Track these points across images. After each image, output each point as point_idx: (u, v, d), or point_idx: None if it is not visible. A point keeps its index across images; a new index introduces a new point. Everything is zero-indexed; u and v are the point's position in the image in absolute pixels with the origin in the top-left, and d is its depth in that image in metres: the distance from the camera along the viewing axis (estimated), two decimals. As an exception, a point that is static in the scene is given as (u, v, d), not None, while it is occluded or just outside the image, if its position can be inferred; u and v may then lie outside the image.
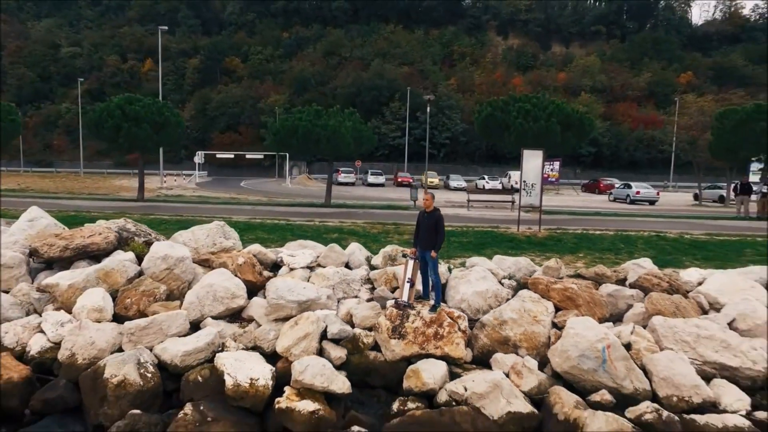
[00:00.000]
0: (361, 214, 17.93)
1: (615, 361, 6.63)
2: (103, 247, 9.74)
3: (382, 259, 9.75)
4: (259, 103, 68.74)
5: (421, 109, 65.99)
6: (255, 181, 45.41)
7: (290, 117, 18.55)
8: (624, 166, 65.56)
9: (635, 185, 31.03)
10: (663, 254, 12.21)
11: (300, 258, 9.52)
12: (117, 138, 18.38)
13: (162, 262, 8.99)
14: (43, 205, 18.71)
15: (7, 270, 9.06)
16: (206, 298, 8.19)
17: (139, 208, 18.49)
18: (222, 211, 18.28)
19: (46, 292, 8.70)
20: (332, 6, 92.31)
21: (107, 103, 19.47)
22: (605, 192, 39.45)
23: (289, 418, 5.95)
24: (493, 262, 9.74)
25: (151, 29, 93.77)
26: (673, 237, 14.16)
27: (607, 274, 9.34)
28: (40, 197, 22.33)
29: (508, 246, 12.58)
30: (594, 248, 12.69)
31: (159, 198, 22.63)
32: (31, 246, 9.71)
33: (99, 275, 8.73)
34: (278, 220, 15.31)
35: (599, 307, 8.15)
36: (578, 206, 26.32)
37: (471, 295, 8.20)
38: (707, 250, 12.75)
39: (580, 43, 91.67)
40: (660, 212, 22.97)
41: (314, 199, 25.73)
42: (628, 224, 17.03)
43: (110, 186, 33.27)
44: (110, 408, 6.23)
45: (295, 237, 12.54)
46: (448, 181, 46.01)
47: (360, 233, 13.68)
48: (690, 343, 7.11)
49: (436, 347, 7.06)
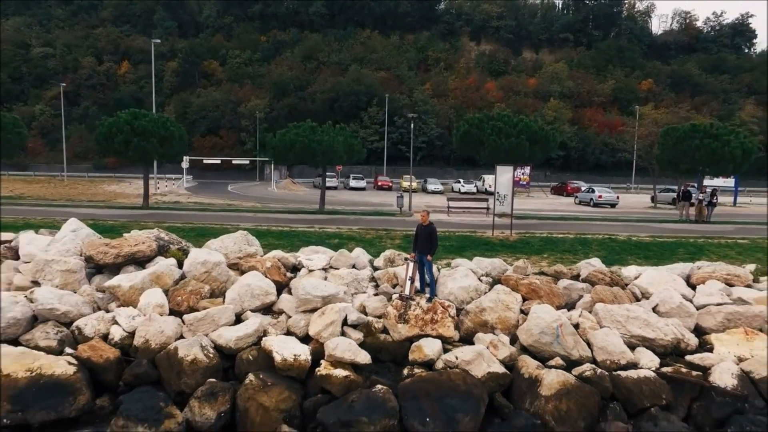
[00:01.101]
0: (353, 220, 19.99)
1: (566, 336, 8.91)
2: (147, 254, 11.56)
3: (383, 261, 11.88)
4: (240, 107, 69.71)
5: (398, 114, 68.33)
6: (241, 186, 46.76)
7: (288, 132, 20.46)
8: (591, 169, 69.32)
9: (598, 190, 33.97)
10: (612, 254, 14.69)
11: (316, 261, 11.56)
12: (127, 151, 19.93)
13: (201, 266, 10.87)
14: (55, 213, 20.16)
15: (72, 274, 10.80)
16: (245, 295, 10.13)
17: (149, 216, 20.04)
18: (225, 218, 20.03)
19: (109, 292, 10.50)
20: (309, 11, 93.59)
21: (116, 117, 20.91)
22: (572, 194, 42.41)
23: (328, 382, 8.00)
24: (473, 263, 11.97)
25: (126, 30, 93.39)
26: (622, 239, 16.71)
27: (564, 272, 11.71)
28: (46, 205, 23.53)
29: (485, 248, 14.85)
30: (556, 250, 15.07)
31: (161, 205, 24.11)
32: (85, 253, 11.45)
33: (152, 278, 10.57)
34: (282, 227, 17.22)
35: (557, 297, 10.45)
36: (546, 209, 28.94)
37: (457, 289, 10.38)
38: (648, 250, 15.31)
39: (549, 50, 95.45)
40: (617, 215, 25.75)
41: (303, 205, 27.61)
42: (587, 228, 19.57)
43: (105, 192, 34.29)
44: (188, 379, 8.14)
45: (302, 243, 14.53)
46: (426, 185, 48.32)
47: (357, 238, 15.74)
48: (622, 323, 9.45)
49: (432, 329, 9.20)
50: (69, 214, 19.80)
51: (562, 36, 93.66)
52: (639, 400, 7.88)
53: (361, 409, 7.41)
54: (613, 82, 78.98)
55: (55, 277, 10.65)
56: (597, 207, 32.07)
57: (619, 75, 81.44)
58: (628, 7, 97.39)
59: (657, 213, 28.77)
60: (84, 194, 31.56)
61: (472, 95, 76.62)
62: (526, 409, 7.73)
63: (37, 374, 7.80)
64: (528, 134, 20.38)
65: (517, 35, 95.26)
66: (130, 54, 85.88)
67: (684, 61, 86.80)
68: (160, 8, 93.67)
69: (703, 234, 18.15)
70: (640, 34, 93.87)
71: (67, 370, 8.00)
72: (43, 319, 9.57)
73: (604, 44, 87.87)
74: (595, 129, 72.00)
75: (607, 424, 7.50)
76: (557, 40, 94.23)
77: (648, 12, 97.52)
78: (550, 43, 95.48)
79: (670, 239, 16.89)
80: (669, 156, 22.14)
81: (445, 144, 67.30)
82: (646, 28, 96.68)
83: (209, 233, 16.01)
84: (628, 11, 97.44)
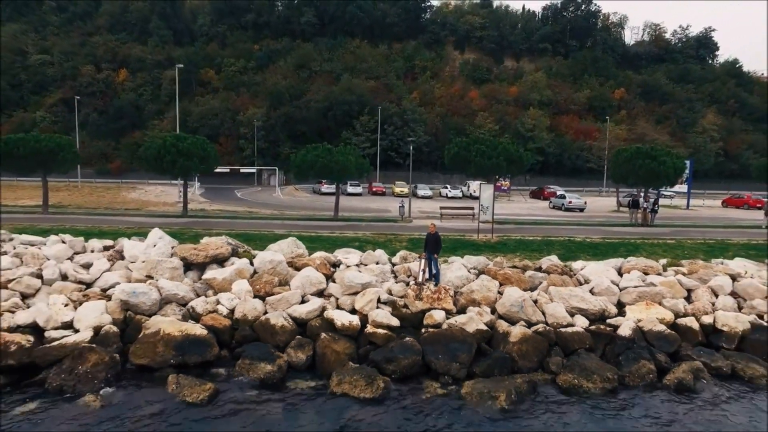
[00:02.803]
0: (364, 226, 24.28)
1: (528, 308, 13.36)
2: (225, 255, 15.73)
3: (399, 259, 16.24)
4: (238, 116, 73.29)
5: (387, 122, 72.67)
6: (248, 191, 50.58)
7: (308, 153, 24.67)
8: (567, 173, 74.50)
9: (568, 196, 38.79)
10: (569, 252, 19.23)
11: (351, 259, 15.88)
12: (173, 169, 23.90)
13: (269, 263, 15.09)
14: (112, 222, 23.96)
15: (175, 270, 14.90)
16: (306, 284, 14.36)
17: (192, 223, 24.00)
18: (259, 225, 24.10)
19: (206, 283, 14.64)
20: (300, 20, 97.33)
21: (162, 140, 24.84)
22: (548, 198, 47.23)
23: (374, 337, 12.27)
24: (464, 260, 16.38)
25: (122, 38, 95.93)
26: (579, 240, 21.32)
27: (529, 265, 16.21)
28: (96, 214, 27.25)
29: (472, 249, 19.26)
30: (527, 249, 19.57)
31: (196, 213, 28.00)
32: (179, 255, 15.56)
33: (236, 272, 14.73)
34: (311, 233, 21.39)
35: (523, 282, 14.91)
36: (524, 214, 33.56)
37: (453, 278, 14.76)
38: (597, 249, 19.91)
39: (529, 58, 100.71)
40: (582, 220, 30.47)
41: (315, 211, 31.74)
42: (554, 231, 24.18)
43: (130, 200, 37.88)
44: (280, 338, 12.33)
45: (331, 245, 18.74)
46: (416, 190, 52.71)
47: (372, 241, 20.03)
48: (566, 299, 13.93)
49: (438, 304, 13.55)
50: (125, 223, 23.76)
51: (541, 46, 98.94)
52: (572, 345, 12.34)
53: (397, 351, 11.72)
54: (588, 91, 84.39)
55: (165, 273, 14.75)
56: (567, 211, 36.86)
57: (594, 84, 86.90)
58: (602, 19, 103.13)
59: (618, 216, 33.57)
60: (114, 202, 35.24)
61: (457, 104, 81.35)
62: (500, 350, 12.14)
63: (186, 334, 11.95)
64: (505, 156, 25.01)
65: (499, 44, 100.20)
66: (128, 62, 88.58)
67: (654, 70, 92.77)
68: (155, 18, 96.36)
69: (643, 236, 22.90)
70: (614, 45, 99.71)
71: (202, 332, 12.17)
72: (168, 301, 13.70)
73: (581, 54, 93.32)
74: (571, 135, 77.19)
75: (550, 359, 11.94)
76: (537, 49, 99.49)
77: (621, 24, 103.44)
78: (530, 52, 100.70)
79: (615, 240, 21.56)
80: (620, 172, 27.09)
81: (433, 150, 71.84)
82: (619, 39, 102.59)
83: (253, 238, 20.13)
84: (603, 23, 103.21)
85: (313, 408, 10.23)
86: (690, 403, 10.71)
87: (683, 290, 15.04)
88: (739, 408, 10.57)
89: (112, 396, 10.45)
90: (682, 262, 17.48)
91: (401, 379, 11.30)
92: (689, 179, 44.61)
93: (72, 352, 11.23)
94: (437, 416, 9.98)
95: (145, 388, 10.88)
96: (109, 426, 9.45)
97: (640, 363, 11.68)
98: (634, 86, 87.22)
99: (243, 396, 10.57)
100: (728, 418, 10.17)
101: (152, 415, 9.82)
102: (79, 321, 12.50)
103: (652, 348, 12.31)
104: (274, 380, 11.13)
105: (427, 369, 11.64)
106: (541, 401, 10.69)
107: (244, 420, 9.74)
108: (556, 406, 10.50)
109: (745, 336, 12.92)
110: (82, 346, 11.40)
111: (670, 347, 12.49)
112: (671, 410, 10.42)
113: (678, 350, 12.55)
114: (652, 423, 9.94)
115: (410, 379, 11.37)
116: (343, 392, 10.60)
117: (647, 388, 11.24)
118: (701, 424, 9.92)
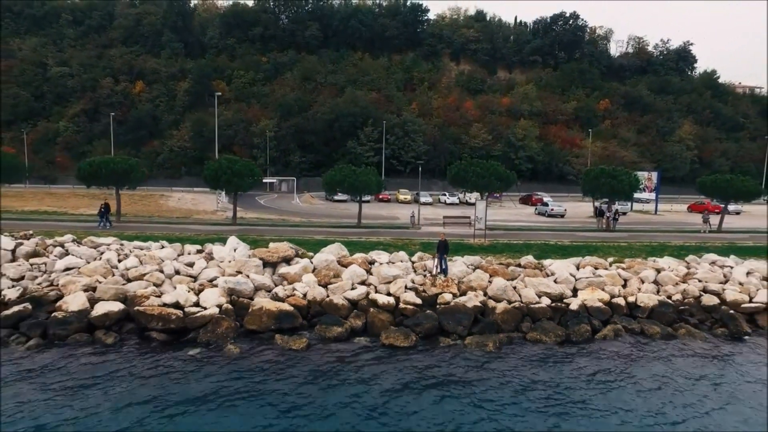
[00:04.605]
0: (384, 232, 30.25)
1: (509, 291, 19.42)
2: (291, 256, 21.71)
3: (417, 258, 22.28)
4: (251, 127, 79.00)
5: (390, 132, 78.67)
6: (267, 199, 56.48)
7: (337, 173, 30.79)
8: (555, 179, 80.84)
9: (551, 204, 45.00)
10: (543, 252, 25.28)
11: (383, 258, 21.90)
12: (230, 186, 29.83)
13: (325, 262, 21.08)
14: (173, 229, 29.69)
15: (258, 267, 20.83)
16: (353, 276, 20.33)
17: (245, 230, 29.79)
18: (297, 232, 29.97)
19: (281, 276, 20.58)
20: (305, 33, 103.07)
21: (218, 162, 30.81)
22: (536, 204, 53.36)
23: (405, 311, 18.21)
24: (464, 259, 22.40)
25: (136, 50, 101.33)
26: (552, 243, 27.40)
27: (512, 263, 22.31)
28: (157, 222, 33.01)
29: (469, 250, 25.27)
30: (511, 251, 25.61)
31: (241, 222, 33.81)
32: (257, 256, 21.49)
33: (303, 269, 20.69)
34: (344, 238, 27.29)
35: (507, 275, 20.96)
36: (512, 220, 39.65)
37: (457, 271, 20.77)
38: (565, 250, 25.99)
39: (521, 70, 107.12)
40: (559, 225, 36.58)
41: (334, 218, 37.65)
42: (534, 236, 30.25)
43: (179, 209, 43.57)
44: (341, 312, 18.29)
45: (363, 248, 24.65)
46: (418, 197, 58.66)
47: (393, 245, 25.99)
48: (536, 286, 19.98)
49: (447, 290, 19.56)
50: (190, 230, 29.59)
51: (531, 58, 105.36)
52: (538, 316, 18.38)
53: (422, 319, 17.68)
54: (575, 103, 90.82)
55: (251, 269, 20.66)
56: (550, 217, 43.04)
57: (580, 95, 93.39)
58: (589, 32, 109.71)
59: (591, 221, 39.69)
60: (159, 210, 41.02)
61: (453, 114, 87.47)
62: (490, 318, 18.16)
63: (280, 309, 17.86)
64: (496, 176, 31.22)
65: (492, 57, 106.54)
66: (144, 74, 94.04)
67: (636, 82, 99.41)
68: (167, 30, 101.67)
69: (603, 239, 29.04)
70: (600, 57, 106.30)
71: (289, 308, 18.10)
72: (259, 288, 19.63)
73: (568, 67, 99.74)
74: (559, 144, 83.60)
75: (522, 324, 17.97)
76: (528, 61, 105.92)
77: (607, 37, 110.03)
78: (521, 63, 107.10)
79: (580, 243, 27.67)
80: (588, 188, 33.47)
81: (431, 159, 77.89)
82: (605, 51, 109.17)
83: (300, 243, 25.99)
84: (590, 36, 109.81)
85: (371, 352, 16.19)
86: (610, 349, 16.76)
87: (621, 280, 21.16)
88: (639, 349, 16.64)
89: (242, 346, 16.35)
90: (626, 260, 23.62)
91: (425, 336, 17.29)
92: (657, 187, 51.00)
93: (210, 320, 17.17)
94: (450, 357, 15.96)
95: (260, 343, 16.78)
96: (246, 363, 15.31)
97: (581, 326, 17.76)
98: (618, 97, 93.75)
99: (326, 347, 16.51)
100: (632, 354, 16.22)
101: (273, 356, 15.73)
102: (205, 301, 18.40)
103: (590, 317, 18.40)
104: (343, 338, 17.08)
105: (442, 330, 17.64)
106: (515, 349, 16.71)
107: (330, 357, 15.67)
108: (525, 351, 16.51)
109: (654, 309, 19.05)
110: (216, 316, 17.33)
111: (603, 316, 18.59)
112: (598, 353, 16.44)
113: (609, 318, 18.64)
114: (584, 360, 15.95)
115: (431, 336, 17.36)
116: (389, 343, 16.59)
117: (584, 341, 17.29)
118: (614, 359, 15.95)
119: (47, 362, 14.90)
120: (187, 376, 14.34)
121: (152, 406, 12.63)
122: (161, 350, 16.02)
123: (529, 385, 14.15)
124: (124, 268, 20.45)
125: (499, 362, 15.69)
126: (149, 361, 15.18)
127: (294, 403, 12.91)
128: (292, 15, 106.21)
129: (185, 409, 12.48)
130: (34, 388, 13.33)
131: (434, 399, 13.29)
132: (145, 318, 17.29)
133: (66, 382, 13.68)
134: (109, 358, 15.40)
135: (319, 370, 14.83)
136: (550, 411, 12.76)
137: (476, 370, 15.05)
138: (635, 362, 15.89)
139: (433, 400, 13.22)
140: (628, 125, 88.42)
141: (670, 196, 67.50)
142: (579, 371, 15.13)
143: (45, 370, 14.42)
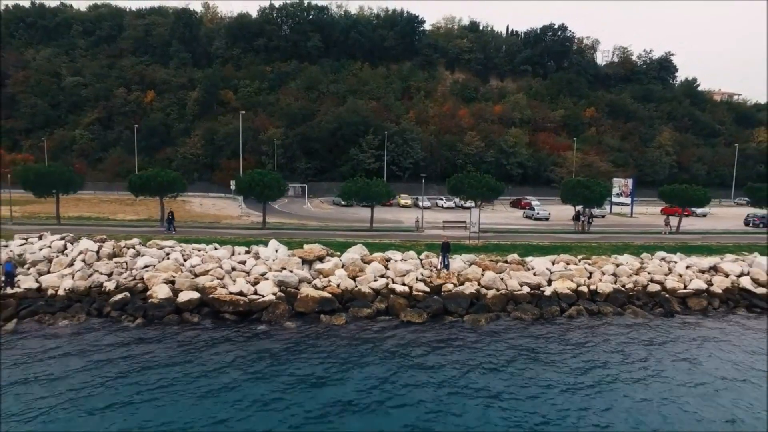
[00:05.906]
0: (392, 235, 35.61)
1: (497, 282, 24.88)
2: (323, 256, 27.09)
3: (424, 256, 27.73)
4: (260, 135, 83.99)
5: (389, 140, 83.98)
6: (282, 203, 61.59)
7: (353, 184, 36.19)
8: (544, 184, 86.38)
9: (537, 208, 50.63)
10: (526, 251, 30.74)
11: (397, 256, 27.32)
12: (261, 195, 35.14)
13: (351, 260, 26.47)
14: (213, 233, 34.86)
15: (298, 263, 26.16)
16: (375, 271, 25.70)
17: (275, 234, 34.89)
18: (319, 235, 35.22)
19: (317, 271, 25.92)
20: (307, 44, 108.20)
21: (251, 175, 36.17)
22: (525, 208, 58.91)
23: (417, 297, 23.54)
24: (462, 257, 27.84)
25: (145, 60, 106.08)
26: (534, 244, 32.89)
27: (500, 260, 27.83)
28: (195, 227, 38.15)
29: (466, 250, 30.69)
30: (500, 250, 31.05)
31: (269, 226, 38.99)
32: (297, 255, 26.83)
33: (334, 265, 26.06)
34: (362, 240, 32.58)
35: (496, 269, 26.42)
36: (502, 223, 45.16)
37: (456, 267, 26.18)
38: (545, 249, 31.48)
39: (512, 78, 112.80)
40: (543, 228, 42.11)
41: (347, 222, 42.93)
42: (521, 237, 35.76)
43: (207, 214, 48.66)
44: (369, 298, 23.63)
45: (379, 249, 29.96)
46: (418, 201, 64.11)
47: (403, 246, 31.35)
48: (519, 278, 25.42)
49: (449, 281, 24.97)
50: (228, 234, 34.74)
51: (522, 67, 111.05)
52: (519, 300, 23.79)
53: (430, 302, 23.05)
54: (563, 111, 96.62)
55: (294, 266, 25.98)
56: (536, 220, 48.63)
57: (568, 103, 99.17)
58: (577, 42, 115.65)
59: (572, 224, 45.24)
60: (189, 215, 46.14)
61: (448, 122, 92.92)
62: (482, 302, 23.58)
63: (321, 296, 23.17)
64: (488, 187, 36.81)
65: (485, 66, 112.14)
66: (155, 84, 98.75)
67: (621, 90, 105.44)
68: (175, 41, 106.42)
69: (578, 240, 34.58)
70: (587, 66, 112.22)
71: (328, 295, 23.42)
72: (301, 280, 24.94)
73: (557, 76, 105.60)
74: (547, 150, 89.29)
75: (507, 306, 23.41)
76: (518, 70, 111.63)
77: (593, 46, 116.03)
78: (513, 72, 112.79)
79: (558, 243, 33.18)
80: (566, 196, 39.19)
81: (429, 164, 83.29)
82: (591, 61, 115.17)
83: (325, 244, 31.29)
84: (578, 46, 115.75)
85: (393, 327, 21.55)
86: (573, 324, 22.23)
87: (587, 272, 26.68)
88: (594, 323, 22.16)
89: (296, 323, 21.66)
90: (592, 257, 29.14)
91: (433, 315, 22.69)
92: (633, 192, 56.77)
93: (269, 304, 22.49)
94: (452, 330, 21.36)
95: (309, 321, 22.09)
96: (302, 334, 20.60)
97: (552, 307, 23.26)
98: (603, 105, 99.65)
99: (359, 323, 21.86)
100: (589, 326, 21.72)
101: (321, 330, 21.04)
102: (262, 290, 23.68)
103: (560, 301, 23.88)
104: (371, 317, 22.44)
105: (446, 310, 23.04)
106: (502, 324, 22.14)
107: (363, 330, 21.02)
108: (508, 325, 21.93)
109: (610, 294, 24.58)
110: (274, 301, 22.65)
111: (570, 300, 24.07)
112: (563, 326, 21.89)
113: (575, 302, 24.12)
114: (553, 331, 21.38)
115: (438, 315, 22.76)
116: (407, 320, 22.00)
117: (554, 318, 22.77)
118: (575, 330, 21.42)
119: (157, 333, 20.16)
120: (262, 341, 19.65)
121: (246, 360, 17.92)
122: (236, 327, 21.30)
123: (511, 348, 19.56)
124: (191, 265, 25.69)
125: (490, 333, 21.10)
126: (232, 333, 20.48)
127: (341, 358, 18.24)
128: (294, 26, 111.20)
129: (266, 364, 17.77)
130: (154, 351, 18.58)
131: (441, 356, 18.67)
132: (218, 303, 22.57)
133: (177, 348, 18.94)
134: (199, 331, 20.67)
135: (357, 338, 20.19)
136: (528, 365, 18.16)
137: (472, 338, 20.45)
138: (590, 331, 21.36)
139: (440, 358, 18.60)
140: (612, 132, 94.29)
141: (649, 199, 73.24)
142: (548, 339, 20.56)
143: (160, 338, 19.68)
